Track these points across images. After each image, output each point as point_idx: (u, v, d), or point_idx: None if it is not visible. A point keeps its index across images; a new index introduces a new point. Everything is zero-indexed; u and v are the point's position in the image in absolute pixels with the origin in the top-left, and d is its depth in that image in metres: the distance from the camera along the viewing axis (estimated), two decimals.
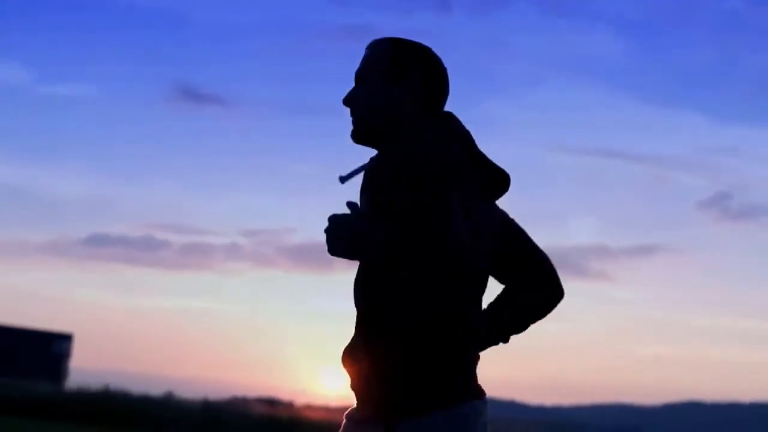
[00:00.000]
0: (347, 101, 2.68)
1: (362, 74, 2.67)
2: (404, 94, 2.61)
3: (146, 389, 25.38)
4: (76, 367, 35.92)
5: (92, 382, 25.07)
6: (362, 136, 2.66)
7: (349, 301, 2.58)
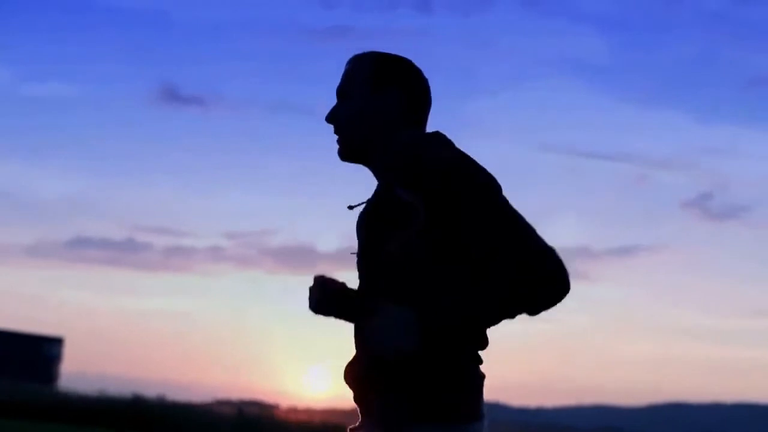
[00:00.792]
0: (330, 119, 2.63)
1: (344, 90, 2.63)
2: (388, 107, 2.58)
3: (134, 391, 25.31)
4: (67, 369, 35.81)
5: (84, 384, 24.96)
6: (349, 153, 2.62)
7: None
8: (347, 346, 2.63)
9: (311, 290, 2.53)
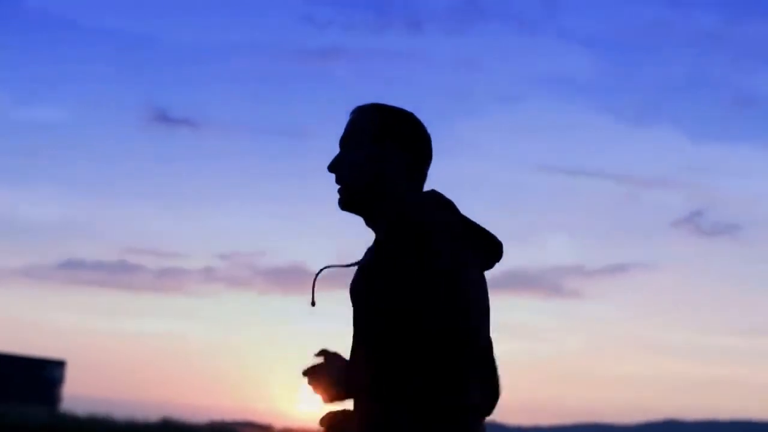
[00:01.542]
0: (333, 167, 2.65)
1: (348, 140, 2.65)
2: (390, 161, 2.59)
3: (128, 413, 25.41)
4: (68, 393, 35.81)
5: (85, 407, 25.07)
6: (349, 203, 2.63)
7: (325, 323, 2.60)
8: None
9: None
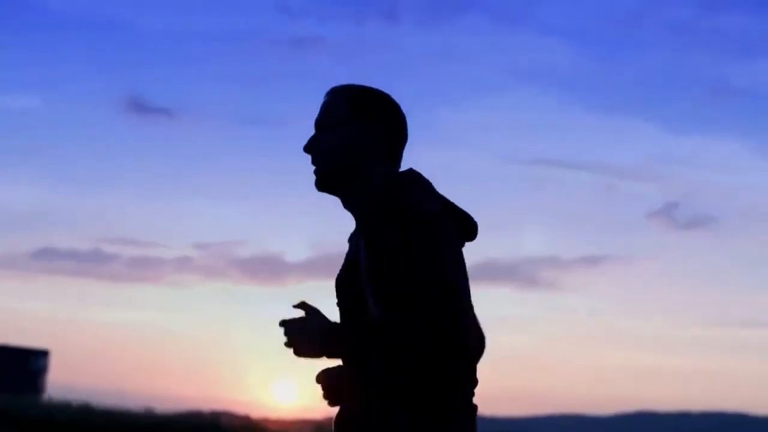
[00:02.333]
0: (309, 148, 2.66)
1: (323, 121, 2.66)
2: (365, 141, 2.61)
3: (110, 403, 25.49)
4: (53, 382, 35.97)
5: (70, 396, 25.21)
6: (326, 183, 2.65)
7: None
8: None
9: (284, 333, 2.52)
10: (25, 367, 35.23)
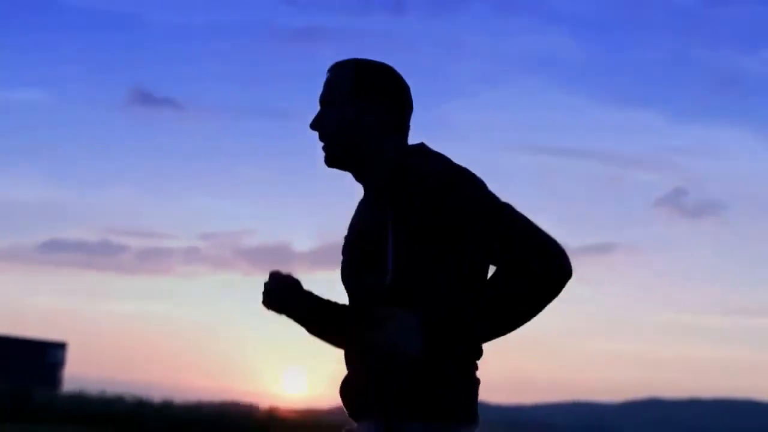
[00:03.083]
0: (315, 125, 2.66)
1: (327, 97, 2.66)
2: (371, 115, 2.60)
3: (116, 392, 25.67)
4: (70, 374, 36.15)
5: (86, 388, 25.49)
6: (335, 159, 2.65)
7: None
8: (324, 346, 2.68)
9: (265, 285, 2.61)
10: (42, 359, 35.35)
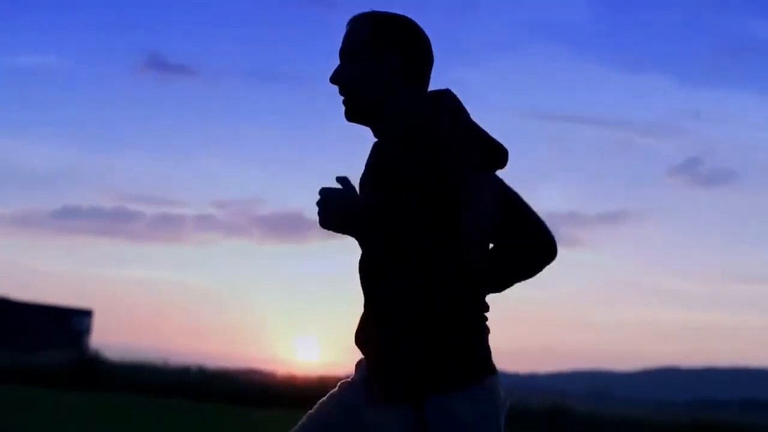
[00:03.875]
0: (335, 79, 2.65)
1: (346, 50, 2.65)
2: (389, 67, 2.60)
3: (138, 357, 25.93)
4: (94, 341, 35.86)
5: (111, 356, 25.88)
6: (355, 113, 2.64)
7: (322, 268, 3.03)
8: (336, 314, 2.94)
9: (319, 204, 2.54)
10: (67, 326, 35.43)
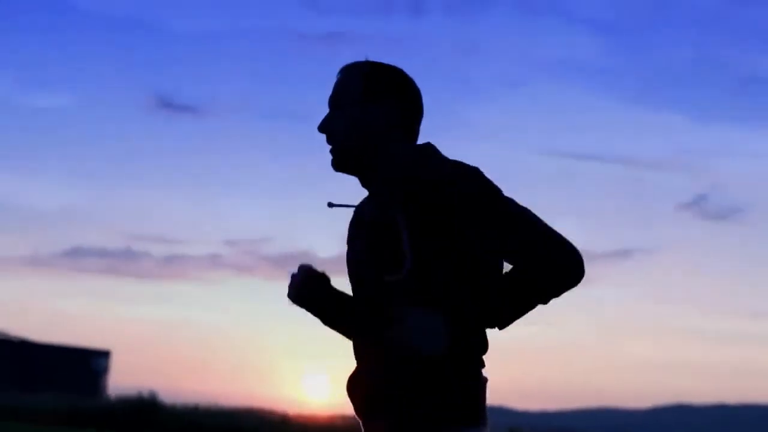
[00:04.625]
0: (323, 128, 2.60)
1: (336, 99, 2.60)
2: (380, 118, 2.55)
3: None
4: (114, 383, 36.13)
5: (130, 395, 26.32)
6: (343, 163, 2.59)
7: None
8: (346, 351, 2.60)
9: (293, 277, 2.53)
10: (86, 367, 35.70)
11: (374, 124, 2.55)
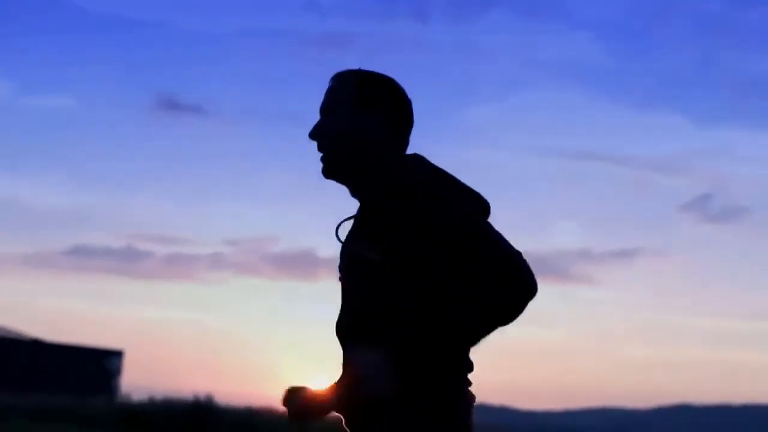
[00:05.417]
0: (314, 135, 2.61)
1: (328, 106, 2.61)
2: (372, 125, 2.56)
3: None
4: (127, 383, 36.00)
5: (143, 396, 26.24)
6: (333, 171, 2.60)
7: (332, 306, 2.60)
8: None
9: (284, 401, 2.58)
10: (99, 367, 35.54)
11: (364, 133, 2.57)
